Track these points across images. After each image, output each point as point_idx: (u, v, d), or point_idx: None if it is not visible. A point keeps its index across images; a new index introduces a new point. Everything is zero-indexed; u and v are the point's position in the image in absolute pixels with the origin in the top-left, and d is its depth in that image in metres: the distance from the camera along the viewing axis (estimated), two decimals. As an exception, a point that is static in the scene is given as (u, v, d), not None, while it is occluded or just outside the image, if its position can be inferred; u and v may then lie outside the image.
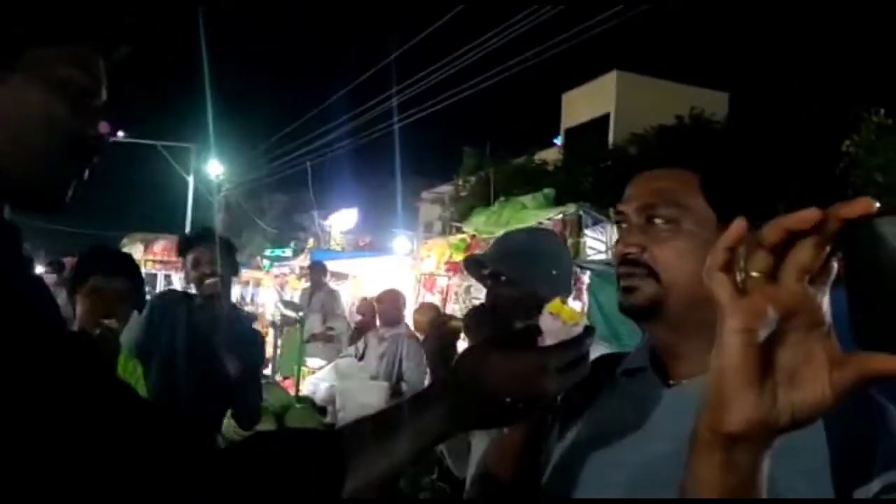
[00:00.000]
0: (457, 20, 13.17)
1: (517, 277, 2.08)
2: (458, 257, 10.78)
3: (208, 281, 3.12)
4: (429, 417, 0.95)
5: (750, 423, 0.59)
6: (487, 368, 0.96)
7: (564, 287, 2.18)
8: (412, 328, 5.86)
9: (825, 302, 0.59)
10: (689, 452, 0.65)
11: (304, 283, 10.95)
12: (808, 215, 0.55)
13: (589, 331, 1.01)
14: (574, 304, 8.25)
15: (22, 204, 0.83)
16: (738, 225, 0.61)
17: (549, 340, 0.99)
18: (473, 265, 2.30)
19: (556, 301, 1.04)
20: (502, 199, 11.03)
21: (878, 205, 0.53)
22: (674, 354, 1.13)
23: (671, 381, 1.12)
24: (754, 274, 0.59)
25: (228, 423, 3.36)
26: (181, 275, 3.06)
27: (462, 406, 0.96)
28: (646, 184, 1.14)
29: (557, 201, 10.08)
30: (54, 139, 0.90)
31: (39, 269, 9.25)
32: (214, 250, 3.15)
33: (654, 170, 1.15)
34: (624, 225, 1.15)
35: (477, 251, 9.82)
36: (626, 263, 1.11)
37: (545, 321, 1.02)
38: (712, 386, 0.61)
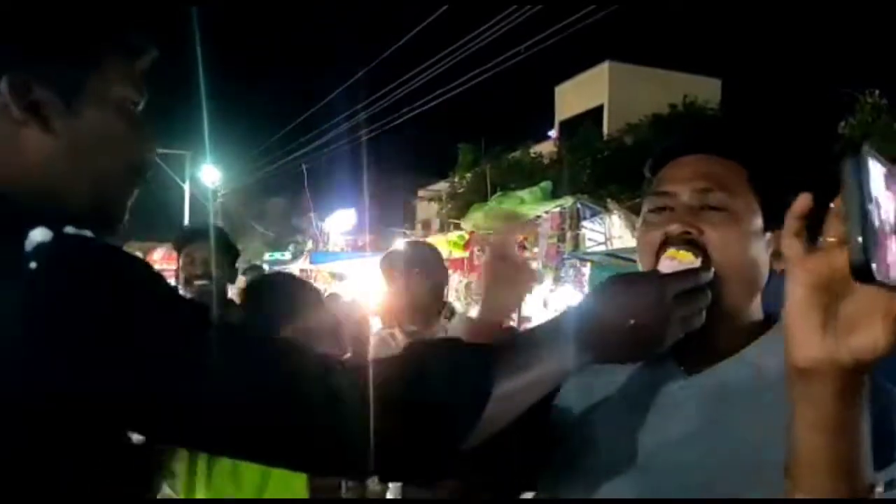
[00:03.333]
0: (446, 17, 13.17)
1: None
2: (458, 254, 10.79)
3: (197, 282, 2.90)
4: (558, 349, 0.96)
5: (815, 360, 0.71)
6: (610, 296, 0.99)
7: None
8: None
9: None
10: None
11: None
12: None
13: (706, 265, 1.04)
14: (576, 296, 8.26)
15: (84, 225, 0.84)
16: (805, 198, 0.73)
17: None
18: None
19: (672, 249, 1.06)
20: (499, 194, 11.03)
21: None
22: (700, 342, 1.09)
23: (691, 369, 1.12)
24: (830, 239, 0.70)
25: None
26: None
27: (588, 335, 0.97)
28: (697, 167, 1.13)
29: (554, 194, 10.10)
30: (118, 161, 0.95)
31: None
32: (210, 250, 2.94)
33: (701, 155, 1.14)
34: (668, 205, 1.12)
35: (475, 247, 9.82)
36: (677, 244, 1.08)
37: (664, 265, 1.05)
38: (785, 329, 0.74)
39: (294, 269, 15.80)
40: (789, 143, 9.59)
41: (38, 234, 0.79)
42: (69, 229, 0.81)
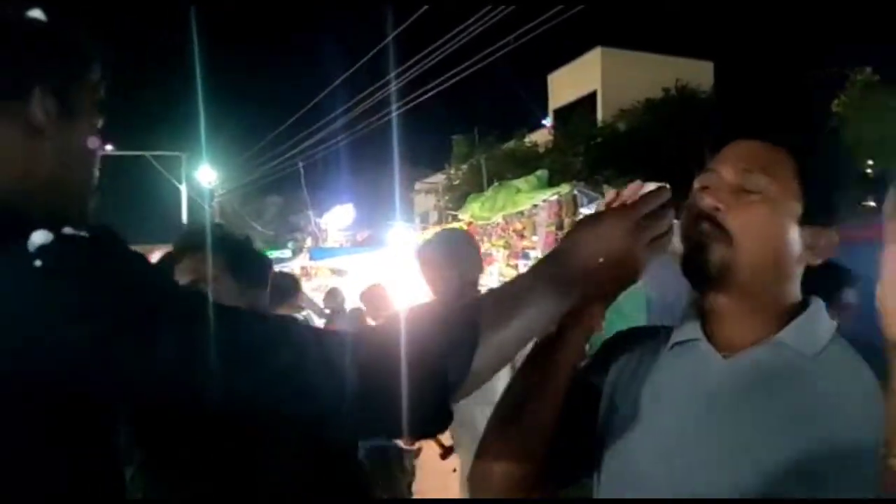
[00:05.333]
0: (435, 9, 13.15)
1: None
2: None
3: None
4: (538, 296, 1.00)
5: None
6: (580, 236, 1.04)
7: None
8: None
9: None
10: None
11: (305, 283, 10.98)
12: None
13: (665, 185, 1.09)
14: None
15: (78, 227, 0.88)
16: None
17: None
18: None
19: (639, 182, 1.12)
20: (496, 184, 11.04)
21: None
22: (729, 322, 1.14)
23: (725, 353, 1.13)
24: None
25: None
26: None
27: (565, 278, 1.02)
28: (747, 150, 1.15)
29: (550, 182, 10.09)
30: (95, 167, 1.03)
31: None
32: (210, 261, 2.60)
33: (755, 140, 1.15)
34: (710, 184, 1.14)
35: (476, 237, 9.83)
36: (705, 219, 1.11)
37: (627, 192, 1.09)
38: (880, 304, 0.79)
39: (294, 266, 15.81)
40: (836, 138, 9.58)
41: (39, 237, 0.82)
42: (67, 230, 0.85)
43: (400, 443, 3.70)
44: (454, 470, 2.99)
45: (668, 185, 1.09)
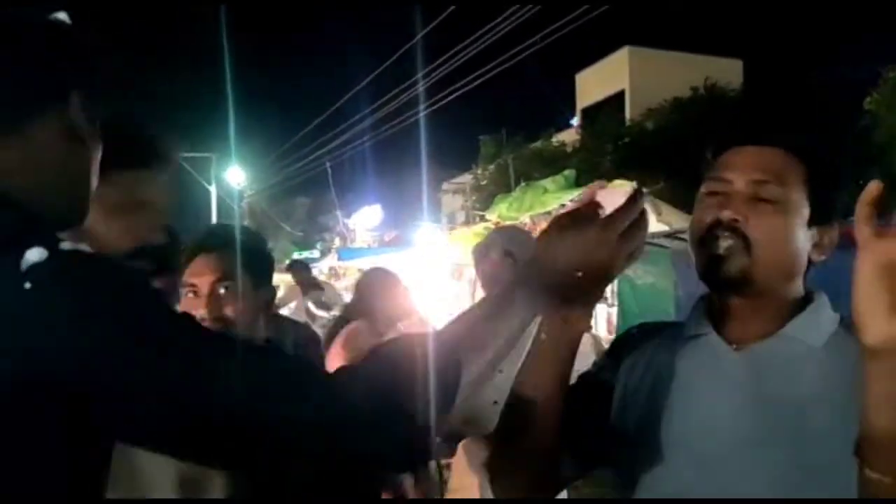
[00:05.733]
0: (463, 9, 13.17)
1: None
2: (484, 245, 10.79)
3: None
4: (512, 306, 1.01)
5: (885, 339, 0.77)
6: (559, 248, 1.03)
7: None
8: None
9: None
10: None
11: (335, 282, 11.06)
12: None
13: (640, 191, 1.09)
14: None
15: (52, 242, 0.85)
16: (875, 185, 0.79)
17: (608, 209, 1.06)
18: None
19: (608, 183, 1.12)
20: (523, 184, 11.02)
21: None
22: (740, 318, 1.18)
23: (735, 346, 1.17)
24: None
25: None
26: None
27: (540, 287, 1.03)
28: (758, 158, 1.16)
29: (578, 182, 10.07)
30: (89, 184, 0.99)
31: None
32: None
33: (766, 146, 1.17)
34: (721, 192, 1.17)
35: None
36: (725, 229, 1.13)
37: (600, 195, 1.11)
38: (854, 310, 0.79)
39: (323, 266, 15.91)
40: (842, 138, 9.52)
41: (35, 255, 0.78)
42: (66, 245, 0.82)
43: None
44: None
45: (643, 190, 1.09)
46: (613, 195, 1.10)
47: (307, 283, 7.98)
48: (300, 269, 8.34)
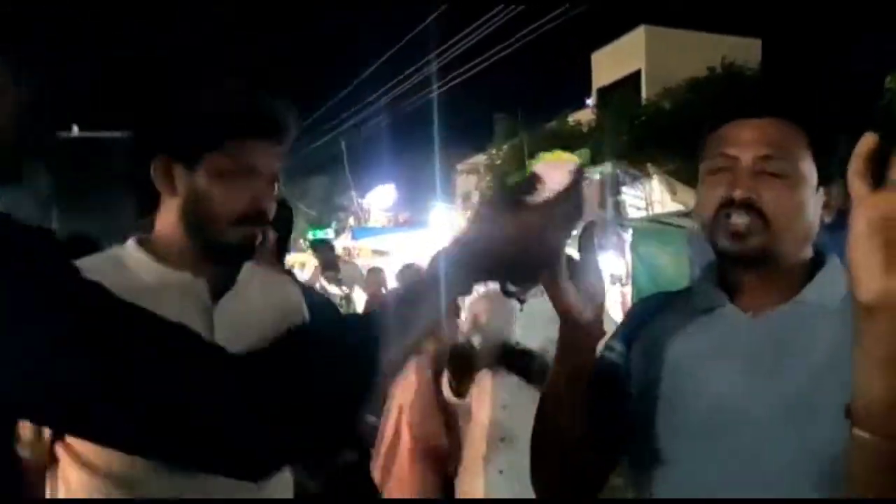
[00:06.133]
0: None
1: None
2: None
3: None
4: (436, 287, 0.97)
5: (878, 296, 0.75)
6: (495, 232, 0.98)
7: None
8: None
9: None
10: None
11: (347, 261, 11.10)
12: None
13: (581, 168, 1.06)
14: (618, 262, 8.24)
15: None
16: (869, 138, 0.76)
17: (551, 184, 1.03)
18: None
19: (548, 154, 1.09)
20: (535, 159, 10.97)
21: None
22: (754, 287, 1.19)
23: (755, 314, 1.17)
24: (894, 178, 0.74)
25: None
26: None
27: (477, 268, 0.99)
28: (759, 132, 1.16)
29: (593, 161, 10.02)
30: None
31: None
32: None
33: (764, 118, 1.17)
34: (727, 168, 1.16)
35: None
36: (739, 206, 1.13)
37: (540, 168, 1.05)
38: (849, 266, 0.76)
39: (337, 245, 15.93)
40: (842, 101, 9.42)
41: None
42: None
43: None
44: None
45: (582, 169, 1.05)
46: (556, 169, 1.04)
47: (326, 263, 8.11)
48: (323, 249, 8.46)
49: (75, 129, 14.00)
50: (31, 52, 0.90)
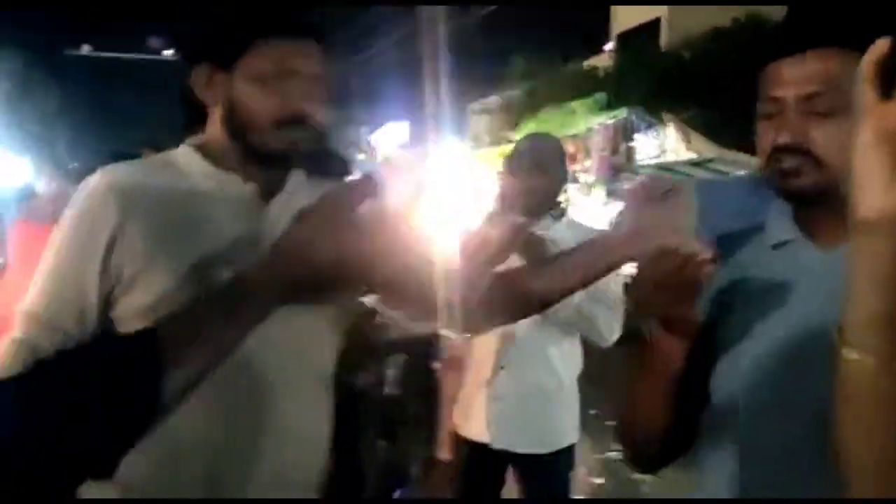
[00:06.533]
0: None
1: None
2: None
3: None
4: (254, 303, 0.94)
5: (880, 211, 0.70)
6: (309, 238, 0.94)
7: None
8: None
9: None
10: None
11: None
12: None
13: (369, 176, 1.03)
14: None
15: None
16: (882, 43, 0.71)
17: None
18: None
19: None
20: (551, 105, 10.87)
21: None
22: (823, 223, 1.16)
23: (827, 249, 1.15)
24: None
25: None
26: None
27: (286, 286, 0.95)
28: (807, 68, 1.11)
29: (609, 106, 9.91)
30: None
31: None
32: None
33: (813, 50, 1.11)
34: (774, 113, 1.13)
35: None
36: (786, 150, 1.10)
37: (391, 167, 1.01)
38: (853, 178, 0.72)
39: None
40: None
41: None
42: None
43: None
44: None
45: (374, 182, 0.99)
46: (400, 166, 0.98)
47: None
48: None
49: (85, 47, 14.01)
50: None
